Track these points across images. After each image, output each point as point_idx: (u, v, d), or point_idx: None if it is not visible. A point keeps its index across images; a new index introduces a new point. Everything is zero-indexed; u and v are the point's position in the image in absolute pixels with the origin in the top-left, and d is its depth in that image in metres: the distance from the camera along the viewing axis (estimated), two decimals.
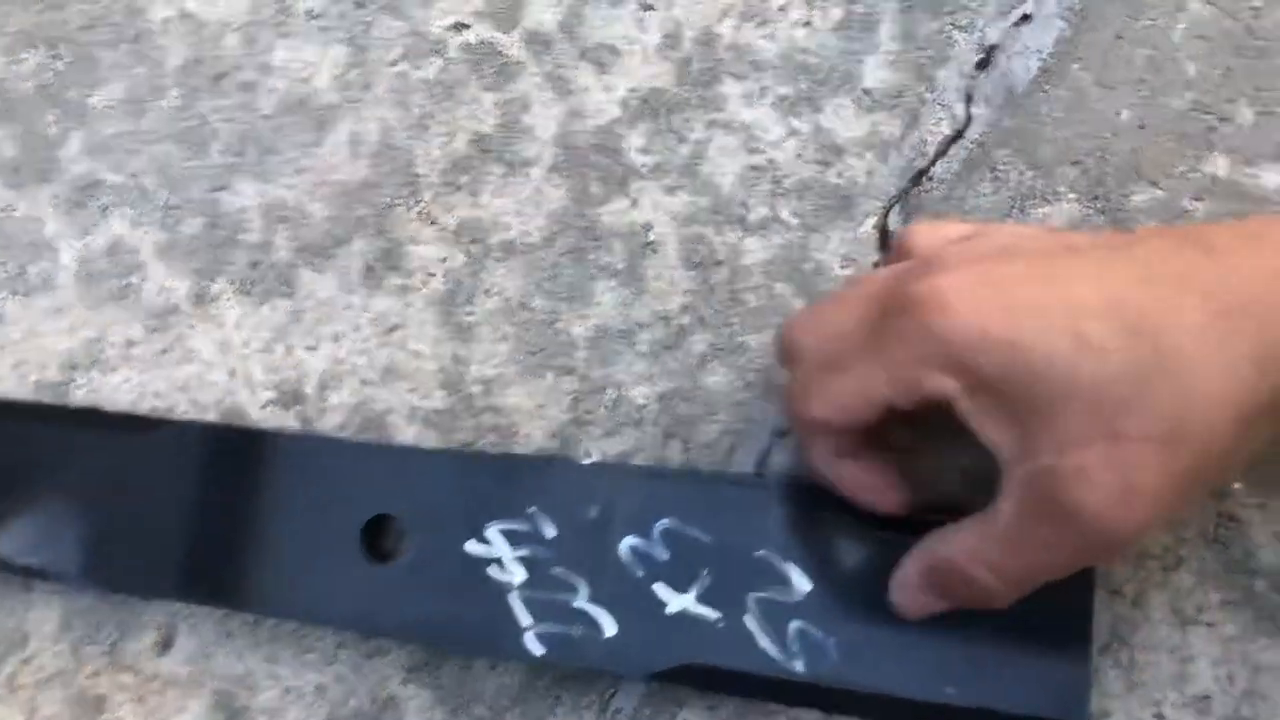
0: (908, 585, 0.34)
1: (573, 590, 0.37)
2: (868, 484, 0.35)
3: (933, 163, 0.41)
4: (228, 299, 0.43)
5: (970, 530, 0.31)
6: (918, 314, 0.30)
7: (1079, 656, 0.35)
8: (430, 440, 0.41)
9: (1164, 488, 0.28)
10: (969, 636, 0.35)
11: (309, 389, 0.42)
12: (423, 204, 0.43)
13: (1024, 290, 0.29)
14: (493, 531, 0.37)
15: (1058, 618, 0.34)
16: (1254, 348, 0.28)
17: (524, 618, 0.37)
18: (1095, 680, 0.35)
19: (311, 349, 0.42)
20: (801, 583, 0.36)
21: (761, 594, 0.36)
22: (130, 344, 0.43)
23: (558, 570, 0.37)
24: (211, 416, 0.42)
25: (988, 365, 0.29)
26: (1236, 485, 0.37)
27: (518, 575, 0.37)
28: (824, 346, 0.33)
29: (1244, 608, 0.36)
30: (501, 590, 0.37)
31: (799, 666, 0.36)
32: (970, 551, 0.31)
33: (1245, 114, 0.40)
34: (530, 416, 0.41)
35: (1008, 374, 0.29)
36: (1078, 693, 0.34)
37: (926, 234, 0.34)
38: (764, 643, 0.36)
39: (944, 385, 0.30)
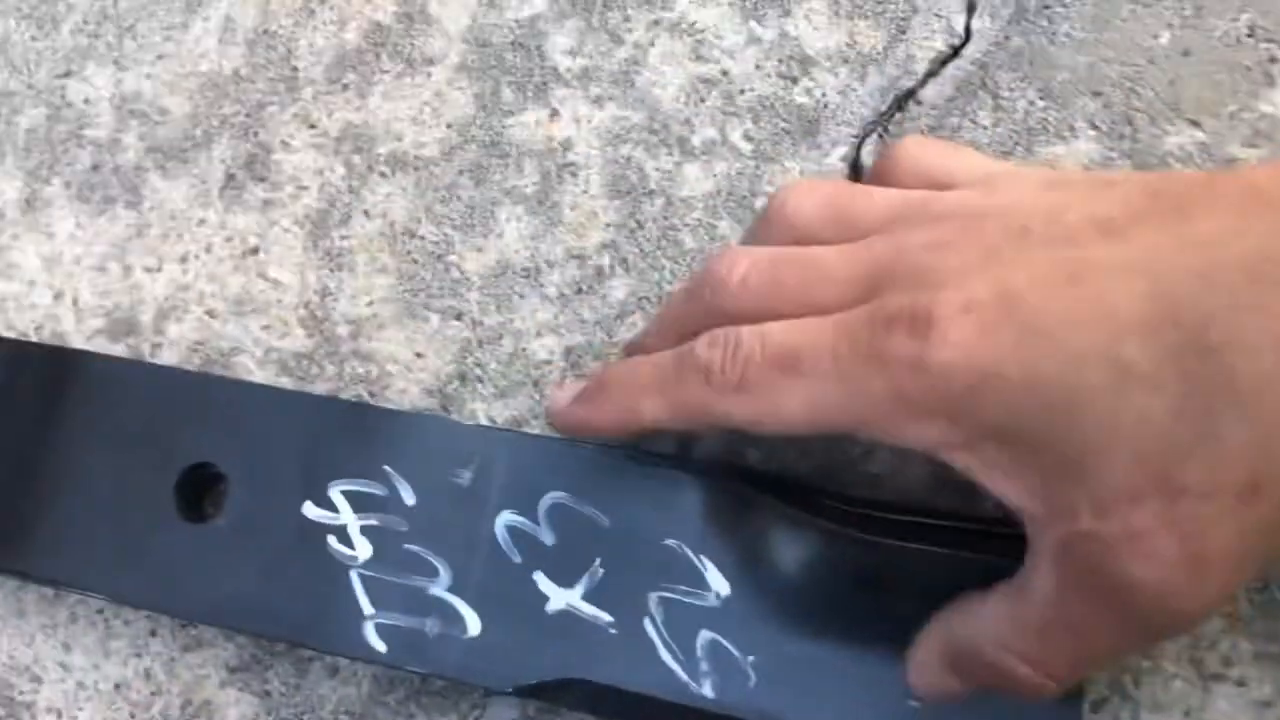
0: (927, 667, 0.29)
1: (431, 574, 0.31)
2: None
3: (922, 83, 0.36)
4: (62, 206, 0.39)
5: (997, 608, 0.27)
6: (910, 338, 0.25)
7: (1068, 712, 0.29)
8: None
9: (1240, 550, 0.23)
10: None
11: (145, 318, 0.38)
12: (300, 104, 0.38)
13: (1044, 300, 0.24)
14: (336, 492, 0.32)
15: None
16: None
17: (365, 604, 0.31)
18: None
19: (152, 270, 0.38)
20: (719, 584, 0.31)
21: (667, 594, 0.30)
22: None
23: (413, 547, 0.31)
24: None
25: (997, 412, 0.24)
26: None
27: (362, 549, 0.31)
28: (787, 321, 0.27)
29: None
30: (341, 567, 0.31)
31: (708, 690, 0.30)
32: (999, 638, 0.27)
33: None
34: (406, 368, 0.36)
35: (1023, 421, 0.24)
36: None
37: (910, 168, 0.29)
38: (666, 655, 0.30)
39: (929, 434, 0.25)
